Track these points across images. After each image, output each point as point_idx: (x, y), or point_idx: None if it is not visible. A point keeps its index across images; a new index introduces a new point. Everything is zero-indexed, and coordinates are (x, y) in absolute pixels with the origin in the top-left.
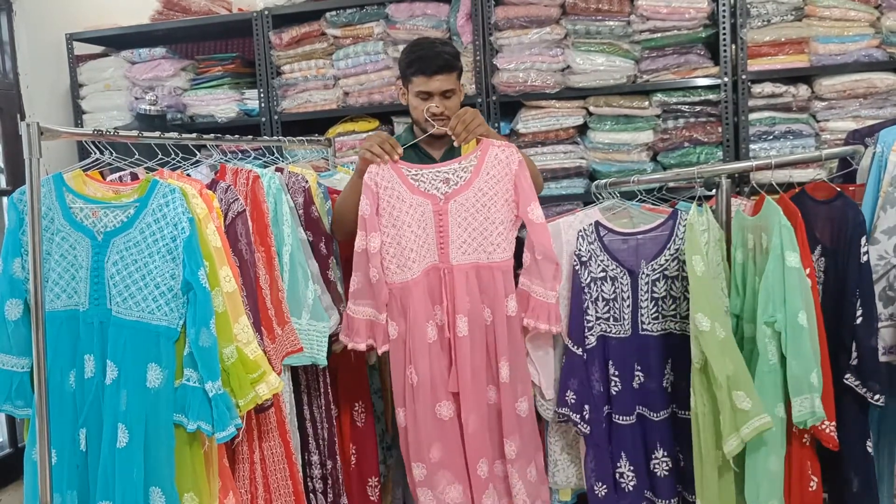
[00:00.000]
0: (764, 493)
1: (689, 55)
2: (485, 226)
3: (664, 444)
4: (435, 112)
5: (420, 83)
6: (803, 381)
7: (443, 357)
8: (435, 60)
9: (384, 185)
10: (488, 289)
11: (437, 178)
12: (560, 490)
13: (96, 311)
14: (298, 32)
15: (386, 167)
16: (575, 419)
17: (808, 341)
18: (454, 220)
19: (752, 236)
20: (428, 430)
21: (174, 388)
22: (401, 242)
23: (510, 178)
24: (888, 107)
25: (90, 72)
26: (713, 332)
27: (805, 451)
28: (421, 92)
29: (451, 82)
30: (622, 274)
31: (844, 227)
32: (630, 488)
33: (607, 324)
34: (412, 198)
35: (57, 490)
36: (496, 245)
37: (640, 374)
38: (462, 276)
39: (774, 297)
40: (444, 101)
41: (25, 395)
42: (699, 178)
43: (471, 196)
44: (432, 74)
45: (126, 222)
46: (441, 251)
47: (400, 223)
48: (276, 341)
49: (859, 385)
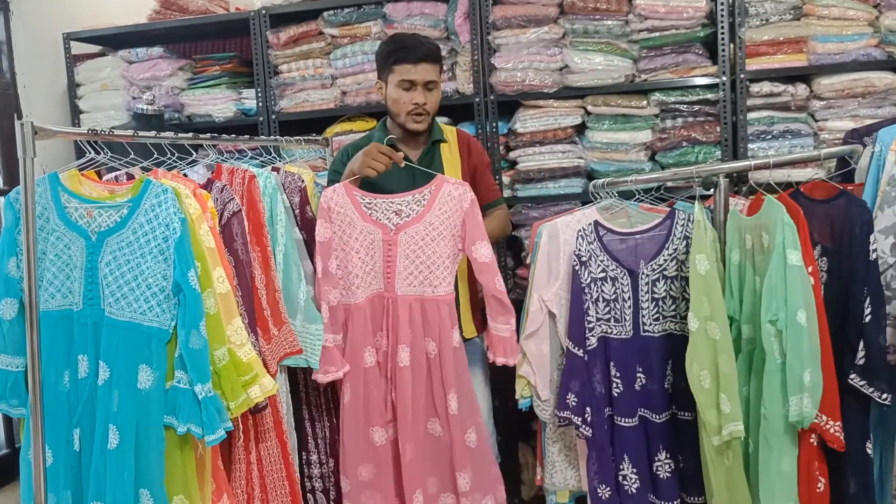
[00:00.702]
0: (780, 495)
1: (688, 54)
2: (432, 259)
3: (666, 445)
4: (419, 102)
5: (403, 72)
6: (797, 380)
7: (380, 384)
8: (420, 49)
9: (337, 210)
10: (433, 321)
11: (389, 208)
12: (557, 492)
13: (90, 311)
14: (296, 32)
15: (341, 192)
16: (577, 422)
17: (806, 340)
18: (402, 251)
19: (750, 236)
20: (357, 451)
21: (165, 390)
22: (348, 266)
23: (460, 214)
24: (887, 106)
25: (87, 71)
26: (701, 332)
27: (812, 451)
28: (404, 81)
29: (434, 73)
30: (622, 274)
31: (849, 225)
32: (633, 491)
33: (608, 325)
34: (363, 225)
35: (53, 490)
36: (441, 279)
37: (642, 376)
38: (406, 308)
39: (777, 295)
40: (426, 93)
41: (20, 395)
42: (697, 178)
43: (420, 229)
44: (417, 62)
45: (119, 222)
46: (387, 280)
47: (349, 248)
48: (272, 342)
49: (865, 385)
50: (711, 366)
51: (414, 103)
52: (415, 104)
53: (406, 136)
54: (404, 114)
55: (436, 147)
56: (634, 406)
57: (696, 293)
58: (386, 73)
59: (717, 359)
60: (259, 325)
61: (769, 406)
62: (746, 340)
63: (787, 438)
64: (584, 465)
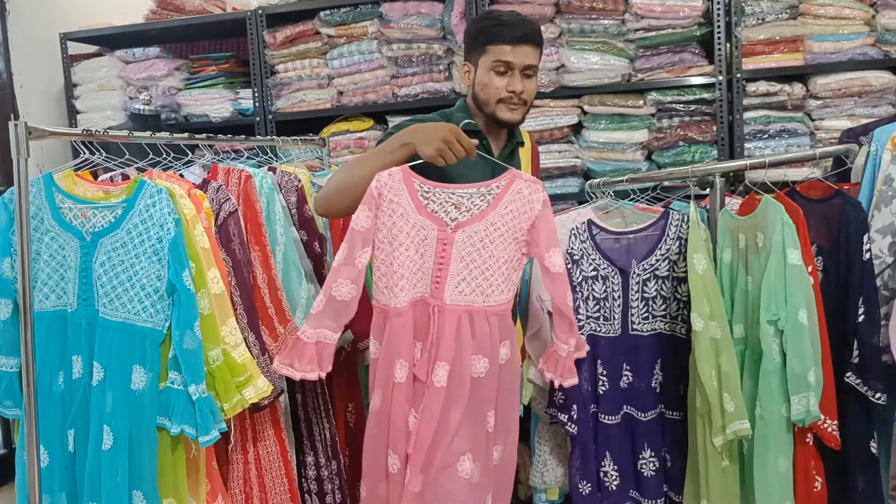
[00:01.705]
0: (776, 496)
1: (684, 54)
2: (489, 264)
3: (652, 444)
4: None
5: (498, 52)
6: (801, 379)
7: (405, 405)
8: (520, 27)
9: (389, 197)
10: (482, 337)
11: (449, 200)
12: (548, 490)
13: (84, 311)
14: (292, 31)
15: (398, 177)
16: (562, 419)
17: (808, 339)
18: (458, 253)
19: (743, 236)
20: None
21: (159, 391)
22: (392, 265)
23: (529, 216)
24: (883, 105)
25: (84, 71)
26: (706, 332)
27: (809, 450)
28: (499, 62)
29: (535, 57)
30: (613, 273)
31: (844, 224)
32: (613, 487)
33: (597, 323)
34: (417, 218)
35: (48, 491)
36: (495, 287)
37: (629, 374)
38: (453, 320)
39: (776, 295)
40: (524, 80)
41: (14, 396)
42: (692, 178)
43: (481, 229)
44: (516, 43)
45: (114, 223)
46: (435, 285)
47: (397, 243)
48: (280, 339)
49: (860, 384)
50: (715, 365)
51: (510, 91)
52: (511, 92)
53: (488, 128)
54: (495, 101)
55: (515, 147)
56: (619, 404)
57: (696, 293)
58: (476, 55)
59: (718, 358)
60: (264, 324)
61: (766, 406)
62: (737, 340)
63: (784, 438)
64: None
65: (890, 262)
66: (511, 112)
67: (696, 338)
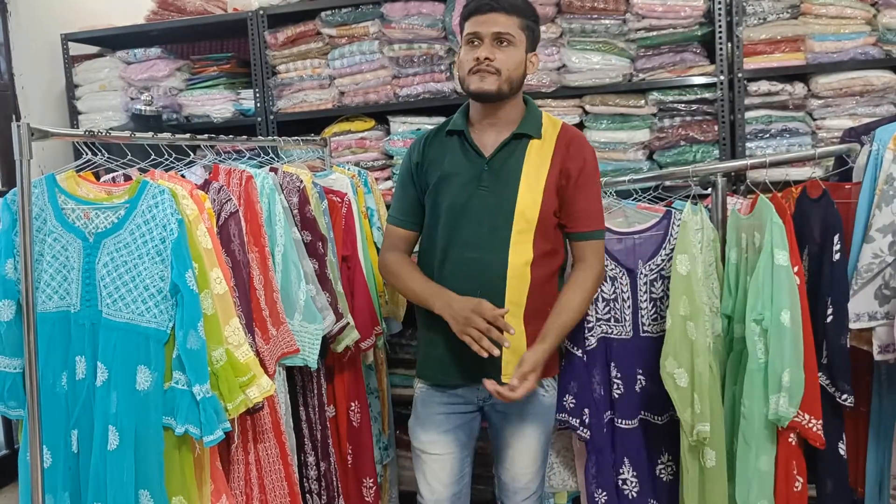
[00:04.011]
0: (754, 494)
1: (685, 53)
2: None
3: (668, 448)
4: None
5: (470, 25)
6: (777, 379)
7: None
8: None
9: None
10: None
11: None
12: (556, 494)
13: (88, 312)
14: (294, 32)
15: None
16: (574, 424)
17: (788, 340)
18: None
19: (745, 235)
20: None
21: (163, 391)
22: None
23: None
24: (885, 104)
25: (85, 72)
26: (676, 331)
27: (791, 450)
28: (469, 34)
29: (507, 24)
30: (621, 273)
31: (821, 224)
32: (633, 495)
33: (608, 325)
34: None
35: (51, 491)
36: None
37: (643, 377)
38: None
39: (763, 294)
40: (494, 48)
41: (18, 396)
42: (694, 177)
43: None
44: (485, 11)
45: (116, 224)
46: None
47: None
48: (271, 342)
49: (829, 384)
50: (689, 365)
51: (475, 58)
52: (475, 59)
53: (482, 118)
54: (466, 74)
55: (520, 141)
56: (636, 408)
57: (675, 293)
58: (460, 40)
59: (694, 359)
60: (258, 326)
61: (748, 404)
62: (738, 339)
63: (766, 437)
64: (581, 467)
65: (890, 261)
66: (481, 81)
67: (667, 336)
